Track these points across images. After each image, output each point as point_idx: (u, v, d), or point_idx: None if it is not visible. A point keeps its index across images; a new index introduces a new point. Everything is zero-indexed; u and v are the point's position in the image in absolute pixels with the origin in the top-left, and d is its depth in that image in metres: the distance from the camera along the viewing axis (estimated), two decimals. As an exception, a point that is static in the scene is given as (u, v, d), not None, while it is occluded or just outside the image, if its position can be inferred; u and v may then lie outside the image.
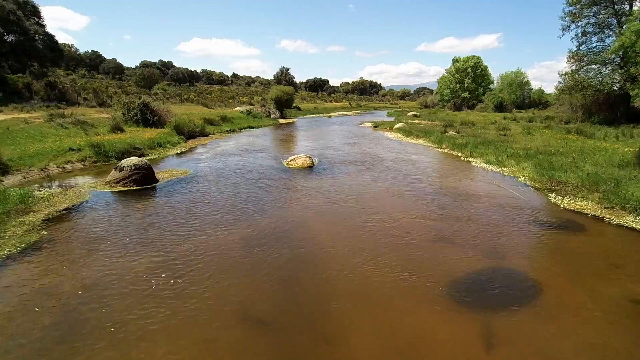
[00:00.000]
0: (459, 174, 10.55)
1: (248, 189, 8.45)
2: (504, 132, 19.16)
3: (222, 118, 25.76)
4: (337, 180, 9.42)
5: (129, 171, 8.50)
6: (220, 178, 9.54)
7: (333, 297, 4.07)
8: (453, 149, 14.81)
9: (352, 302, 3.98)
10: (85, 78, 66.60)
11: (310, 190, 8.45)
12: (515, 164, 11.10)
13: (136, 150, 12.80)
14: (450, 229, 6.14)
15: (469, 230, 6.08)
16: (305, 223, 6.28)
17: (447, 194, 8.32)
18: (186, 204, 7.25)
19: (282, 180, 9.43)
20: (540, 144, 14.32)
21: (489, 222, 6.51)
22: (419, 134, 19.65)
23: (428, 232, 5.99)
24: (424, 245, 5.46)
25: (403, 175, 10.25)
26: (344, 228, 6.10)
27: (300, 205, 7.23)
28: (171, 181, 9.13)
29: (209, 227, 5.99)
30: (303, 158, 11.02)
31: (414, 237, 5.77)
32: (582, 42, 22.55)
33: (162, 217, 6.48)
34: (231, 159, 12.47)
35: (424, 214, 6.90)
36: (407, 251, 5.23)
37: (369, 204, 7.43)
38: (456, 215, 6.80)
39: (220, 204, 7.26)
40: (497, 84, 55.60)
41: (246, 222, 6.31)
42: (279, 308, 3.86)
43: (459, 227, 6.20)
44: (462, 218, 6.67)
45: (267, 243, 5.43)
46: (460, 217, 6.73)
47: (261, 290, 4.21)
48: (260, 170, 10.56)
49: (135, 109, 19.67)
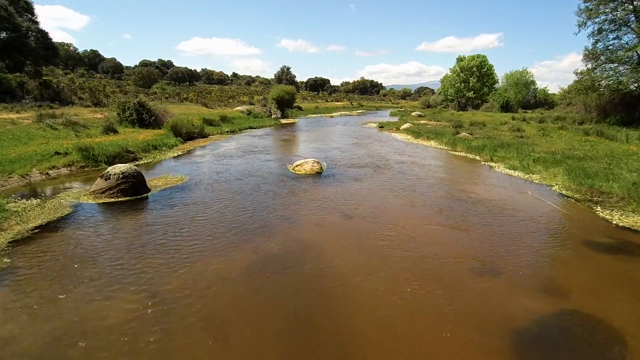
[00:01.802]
0: (483, 181, 9.57)
1: (251, 201, 7.48)
2: (519, 133, 18.18)
3: (222, 118, 24.79)
4: (349, 190, 8.45)
5: (116, 180, 7.52)
6: (219, 186, 8.56)
7: (363, 353, 3.11)
8: (469, 152, 13.83)
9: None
10: (83, 77, 65.79)
11: (320, 202, 7.47)
12: (543, 169, 10.13)
13: (129, 153, 11.83)
14: (490, 253, 5.17)
15: (513, 255, 5.10)
16: (319, 247, 5.30)
17: (477, 206, 7.34)
18: (180, 220, 6.28)
19: (289, 189, 8.46)
20: (564, 146, 13.34)
21: (534, 244, 5.54)
22: (429, 135, 18.67)
23: (465, 258, 5.02)
24: (464, 278, 4.49)
25: (420, 182, 9.28)
26: (366, 255, 5.12)
27: (311, 222, 6.26)
28: (165, 190, 8.15)
29: (206, 253, 5.02)
30: (311, 163, 10.05)
31: (450, 265, 4.80)
32: (598, 40, 21.59)
33: (151, 238, 5.50)
34: (232, 164, 11.49)
35: (455, 234, 5.93)
36: (447, 287, 4.26)
37: (389, 219, 6.46)
38: (493, 236, 5.82)
39: (220, 220, 6.29)
40: (502, 84, 54.65)
41: (250, 244, 5.34)
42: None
43: (500, 251, 5.23)
44: (501, 238, 5.70)
45: (275, 275, 4.46)
46: (498, 237, 5.76)
47: (270, 351, 3.24)
48: (263, 177, 9.59)
49: (131, 109, 18.73)
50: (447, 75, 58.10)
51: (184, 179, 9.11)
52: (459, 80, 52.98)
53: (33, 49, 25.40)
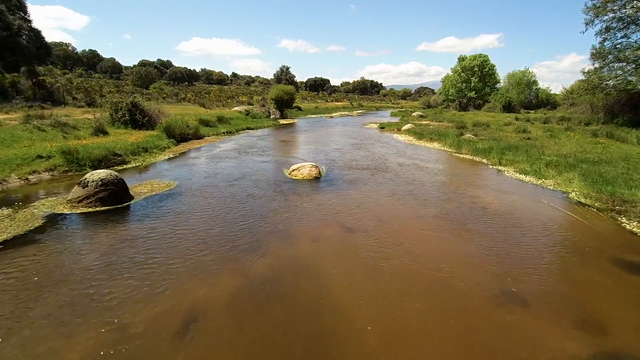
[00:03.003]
0: (493, 188, 8.94)
1: (242, 211, 6.84)
2: (525, 135, 17.54)
3: (219, 119, 24.14)
4: (349, 198, 7.81)
5: (94, 188, 6.88)
6: (209, 194, 7.92)
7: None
8: (475, 155, 13.19)
9: None
10: (82, 77, 65.24)
11: (318, 212, 6.83)
12: (557, 174, 9.50)
13: (116, 157, 11.18)
14: (510, 276, 4.53)
15: (536, 279, 4.47)
16: (317, 269, 4.65)
17: (490, 218, 6.71)
18: (161, 233, 5.64)
19: (284, 197, 7.82)
20: (574, 149, 12.72)
21: (559, 263, 4.90)
22: (432, 137, 18.04)
23: (483, 283, 4.38)
24: (484, 309, 3.86)
25: (426, 189, 8.65)
26: (371, 280, 4.48)
27: (308, 236, 5.62)
28: (149, 198, 7.51)
29: (186, 276, 4.38)
30: (308, 168, 9.41)
31: (467, 293, 4.16)
32: (605, 38, 20.96)
33: (125, 257, 4.86)
34: (225, 167, 10.86)
35: (469, 252, 5.29)
36: (468, 323, 3.63)
37: (394, 234, 5.82)
38: (511, 254, 5.19)
39: (206, 234, 5.65)
40: (504, 84, 54.02)
41: (238, 264, 4.70)
42: None
43: (521, 273, 4.59)
44: (520, 257, 5.06)
45: (266, 307, 3.82)
46: (517, 255, 5.13)
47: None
48: (257, 183, 8.95)
49: (123, 109, 18.07)
50: (448, 75, 57.49)
51: (171, 185, 8.47)
52: (461, 80, 52.37)
53: (25, 47, 24.70)
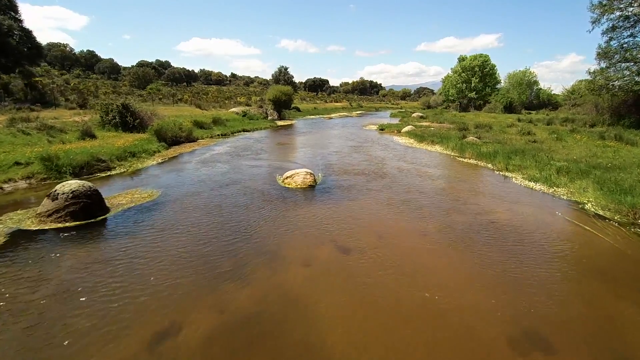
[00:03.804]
0: (502, 197, 8.30)
1: (227, 227, 6.20)
2: (531, 137, 16.92)
3: (214, 121, 23.51)
4: (346, 210, 7.17)
5: (64, 200, 6.24)
6: (193, 205, 7.28)
7: None
8: (480, 159, 12.56)
9: None
10: (79, 78, 64.62)
11: (312, 228, 6.20)
12: (569, 181, 8.87)
13: (100, 163, 10.54)
14: (532, 312, 3.90)
15: (563, 315, 3.84)
16: (308, 303, 4.00)
17: (500, 234, 6.08)
18: (133, 256, 5.00)
19: (275, 209, 7.18)
20: (584, 153, 12.09)
21: (588, 295, 4.27)
22: (434, 139, 17.40)
23: (502, 322, 3.75)
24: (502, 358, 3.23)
25: (429, 199, 8.02)
26: (369, 317, 3.85)
27: (298, 259, 4.97)
28: (128, 211, 6.87)
29: (151, 312, 3.74)
30: (302, 175, 8.77)
31: (483, 335, 3.53)
32: (611, 37, 20.35)
33: (86, 288, 4.22)
34: (215, 174, 10.22)
35: (481, 279, 4.65)
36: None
37: (397, 256, 5.18)
38: (529, 281, 4.56)
39: (184, 257, 5.01)
40: (504, 84, 53.42)
41: (216, 297, 4.06)
42: None
43: (544, 309, 3.96)
44: (540, 287, 4.43)
45: (244, 355, 3.18)
46: (537, 284, 4.49)
47: None
48: (248, 192, 8.31)
49: (114, 111, 17.43)
50: (448, 75, 56.87)
51: (153, 195, 7.82)
52: (461, 80, 51.74)
53: (14, 48, 24.06)
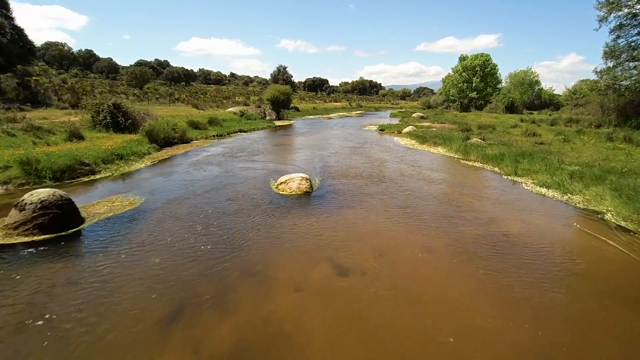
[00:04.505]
0: (512, 205, 7.71)
1: (213, 241, 5.60)
2: (536, 139, 16.32)
3: (210, 121, 22.89)
4: (344, 221, 6.57)
5: (32, 211, 5.64)
6: (177, 216, 6.67)
7: None
8: (486, 162, 11.95)
9: None
10: (77, 77, 64.03)
11: (305, 242, 5.59)
12: (583, 188, 8.28)
13: (83, 166, 9.92)
14: (562, 354, 3.31)
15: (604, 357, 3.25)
16: (299, 339, 3.38)
17: (515, 250, 5.48)
18: (100, 279, 4.39)
19: (267, 220, 6.57)
20: (595, 156, 11.49)
21: (630, 335, 3.68)
22: (436, 140, 16.80)
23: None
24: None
25: (434, 207, 7.42)
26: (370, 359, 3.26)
27: (290, 282, 4.36)
28: (105, 221, 6.26)
29: (119, 356, 3.14)
30: (298, 181, 8.17)
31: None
32: (618, 36, 19.76)
33: (45, 322, 3.62)
34: (205, 179, 9.61)
35: (498, 307, 4.06)
36: None
37: (400, 277, 4.58)
38: (555, 311, 3.96)
39: (159, 280, 4.40)
40: (506, 84, 52.84)
41: (191, 332, 3.45)
42: None
43: (578, 351, 3.38)
44: (568, 319, 3.84)
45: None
46: (562, 315, 3.90)
47: None
48: (238, 200, 7.71)
49: (105, 111, 16.82)
50: (449, 74, 56.28)
51: (135, 203, 7.21)
52: (462, 80, 51.16)
53: (5, 46, 23.42)
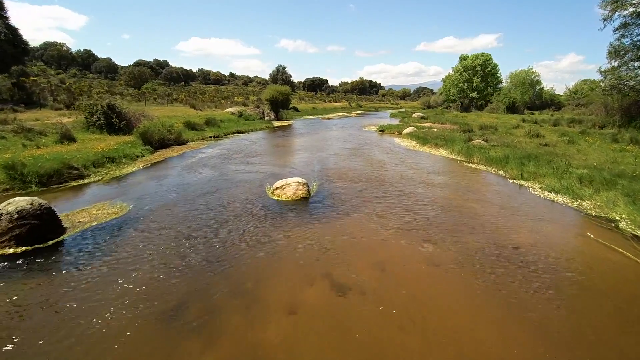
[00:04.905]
0: (520, 212, 7.32)
1: (201, 255, 5.21)
2: (540, 140, 15.94)
3: (207, 122, 22.50)
4: (343, 231, 6.18)
5: (8, 222, 5.25)
6: (165, 225, 6.28)
7: None
8: (490, 165, 11.57)
9: None
10: (75, 77, 63.64)
11: (301, 256, 5.20)
12: (594, 193, 7.90)
13: (71, 170, 9.53)
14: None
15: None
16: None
17: (527, 264, 5.10)
18: (81, 298, 4.00)
19: (260, 230, 6.18)
20: (603, 159, 11.12)
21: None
22: (437, 142, 16.42)
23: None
24: None
25: (438, 215, 7.03)
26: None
27: (282, 303, 3.96)
28: (87, 232, 5.87)
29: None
30: (294, 186, 7.78)
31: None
32: (623, 35, 19.40)
33: (13, 349, 3.24)
34: (198, 183, 9.23)
35: (515, 333, 3.68)
36: None
37: (404, 297, 4.20)
38: (575, 336, 3.59)
39: (142, 301, 4.01)
40: (506, 83, 52.48)
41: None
42: None
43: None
44: (591, 346, 3.46)
45: None
46: (586, 342, 3.53)
47: None
48: (231, 207, 7.32)
49: (98, 112, 16.44)
50: (449, 74, 55.90)
51: (122, 210, 6.82)
52: (462, 79, 50.78)
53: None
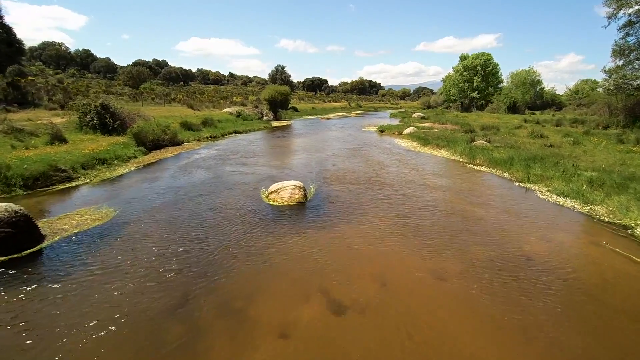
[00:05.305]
0: (529, 218, 6.94)
1: (187, 267, 4.83)
2: (544, 141, 15.57)
3: (204, 122, 22.11)
4: (341, 239, 5.80)
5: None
6: (152, 232, 5.90)
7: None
8: (494, 167, 11.18)
9: None
10: (74, 77, 63.27)
11: (295, 268, 4.81)
12: (605, 197, 7.52)
13: (59, 172, 9.15)
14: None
15: None
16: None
17: (540, 277, 4.72)
18: (55, 318, 3.62)
19: (252, 239, 5.78)
20: (611, 160, 10.74)
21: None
22: (439, 142, 16.04)
23: None
24: None
25: (442, 221, 6.66)
26: None
27: (273, 324, 3.57)
28: (68, 240, 5.49)
29: None
30: (290, 190, 7.40)
31: None
32: (628, 33, 19.05)
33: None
34: (190, 186, 8.84)
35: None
36: None
37: (407, 317, 3.82)
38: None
39: (121, 321, 3.63)
40: (507, 83, 52.12)
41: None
42: None
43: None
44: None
45: None
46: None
47: None
48: (224, 211, 6.94)
49: (92, 112, 16.05)
50: (449, 74, 55.54)
51: (106, 217, 6.43)
52: (463, 79, 50.41)
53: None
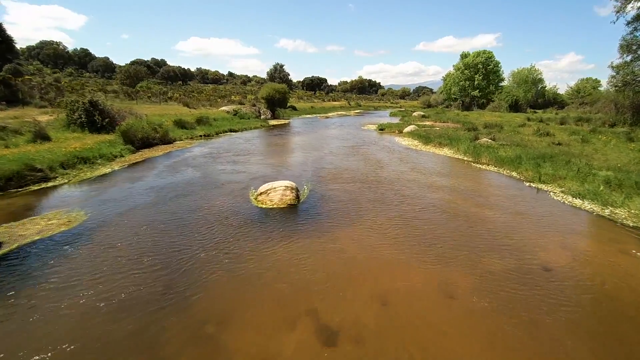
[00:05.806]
0: (544, 224, 6.29)
1: (159, 281, 4.18)
2: (551, 139, 14.92)
3: (199, 120, 21.45)
4: (335, 248, 5.15)
5: None
6: (121, 237, 5.24)
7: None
8: (501, 166, 10.53)
9: None
10: (71, 76, 62.68)
11: (281, 285, 4.16)
12: (625, 199, 6.88)
13: (34, 172, 8.50)
14: None
15: None
16: None
17: (563, 294, 4.07)
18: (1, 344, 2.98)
19: (236, 247, 5.13)
20: (625, 159, 10.10)
21: None
22: (441, 141, 15.39)
23: None
24: None
25: (448, 228, 6.01)
26: None
27: (252, 355, 2.95)
28: (26, 248, 4.84)
29: None
30: (281, 191, 6.75)
31: None
32: (636, 28, 18.38)
33: None
34: (174, 187, 8.20)
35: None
36: None
37: (413, 344, 3.18)
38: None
39: (71, 347, 3.00)
40: (509, 82, 51.48)
41: None
42: None
43: None
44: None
45: None
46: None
47: None
48: (208, 216, 6.29)
49: (79, 109, 15.39)
50: (450, 72, 54.90)
51: (75, 221, 5.77)
52: (464, 77, 49.73)
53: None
